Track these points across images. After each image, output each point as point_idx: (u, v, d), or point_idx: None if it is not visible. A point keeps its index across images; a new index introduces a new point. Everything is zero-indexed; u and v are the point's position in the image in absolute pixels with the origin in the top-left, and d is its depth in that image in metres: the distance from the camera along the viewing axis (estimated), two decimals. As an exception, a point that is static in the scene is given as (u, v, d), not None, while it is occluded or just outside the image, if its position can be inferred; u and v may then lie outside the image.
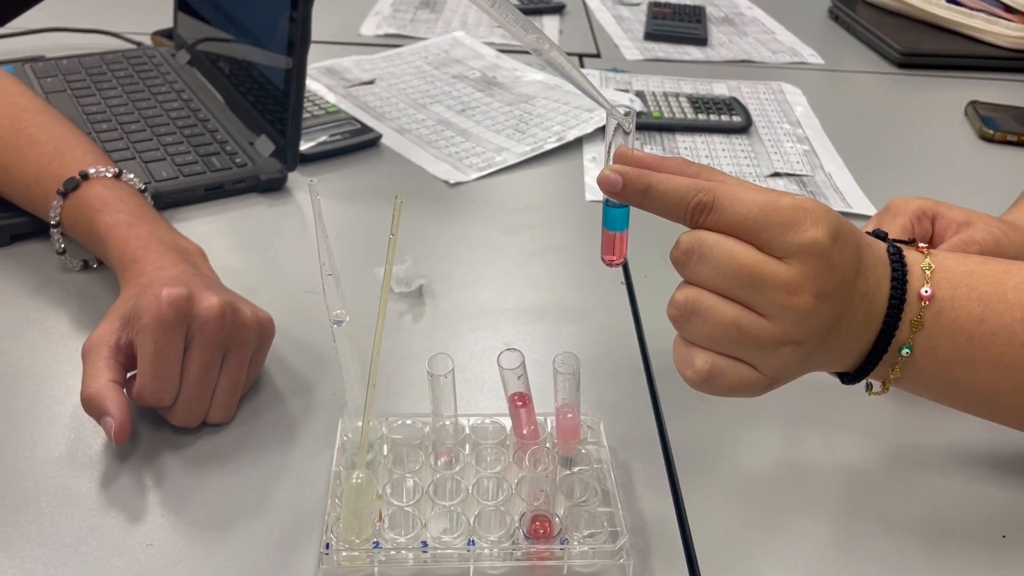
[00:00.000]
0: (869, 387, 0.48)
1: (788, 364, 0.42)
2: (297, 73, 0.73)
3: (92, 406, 0.47)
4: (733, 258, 0.40)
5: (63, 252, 0.63)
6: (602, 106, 0.43)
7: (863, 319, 0.42)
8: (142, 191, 0.63)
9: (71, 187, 0.60)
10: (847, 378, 0.46)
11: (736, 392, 0.43)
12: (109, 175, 0.61)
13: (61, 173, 0.61)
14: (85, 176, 0.61)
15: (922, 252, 0.44)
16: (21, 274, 0.64)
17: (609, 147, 0.44)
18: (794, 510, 0.48)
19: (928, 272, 0.43)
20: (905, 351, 0.43)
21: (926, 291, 0.42)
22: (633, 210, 0.46)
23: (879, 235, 0.45)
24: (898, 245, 0.44)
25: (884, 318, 0.42)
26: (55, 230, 0.62)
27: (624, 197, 0.43)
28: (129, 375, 0.49)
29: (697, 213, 0.41)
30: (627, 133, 0.44)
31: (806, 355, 0.42)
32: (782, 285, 0.40)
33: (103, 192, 0.60)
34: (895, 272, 0.43)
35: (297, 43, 0.72)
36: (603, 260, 0.47)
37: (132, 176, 0.63)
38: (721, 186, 0.42)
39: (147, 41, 1.04)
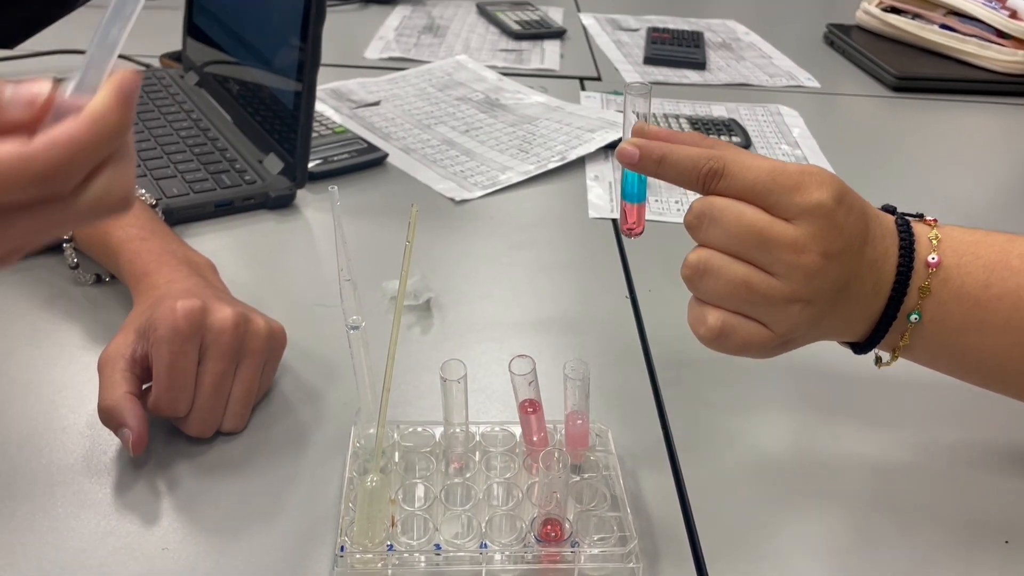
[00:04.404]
0: (878, 360, 0.49)
1: (798, 323, 0.43)
2: (307, 92, 0.74)
3: (110, 418, 0.48)
4: (742, 220, 0.42)
5: (76, 266, 0.64)
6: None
7: (871, 287, 0.44)
8: (153, 206, 0.64)
9: None
10: (858, 348, 0.48)
11: (748, 350, 0.44)
12: None
13: None
14: None
15: (929, 224, 0.46)
16: (36, 287, 0.65)
17: (625, 122, 0.46)
18: (801, 514, 0.49)
19: (935, 241, 0.45)
20: (914, 317, 0.44)
21: (933, 258, 0.44)
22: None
23: (888, 209, 0.47)
24: (906, 217, 0.46)
25: (893, 285, 0.44)
26: (68, 244, 0.63)
27: (641, 168, 0.45)
28: (144, 386, 0.50)
29: (709, 179, 0.43)
30: (637, 113, 0.46)
31: (816, 316, 0.43)
32: (789, 244, 0.42)
33: None
34: (903, 241, 0.45)
35: (308, 63, 0.73)
36: (623, 230, 0.49)
37: (143, 191, 0.64)
38: (730, 153, 0.44)
39: (156, 63, 1.06)
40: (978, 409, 0.56)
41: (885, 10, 1.31)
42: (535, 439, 0.48)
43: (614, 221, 0.80)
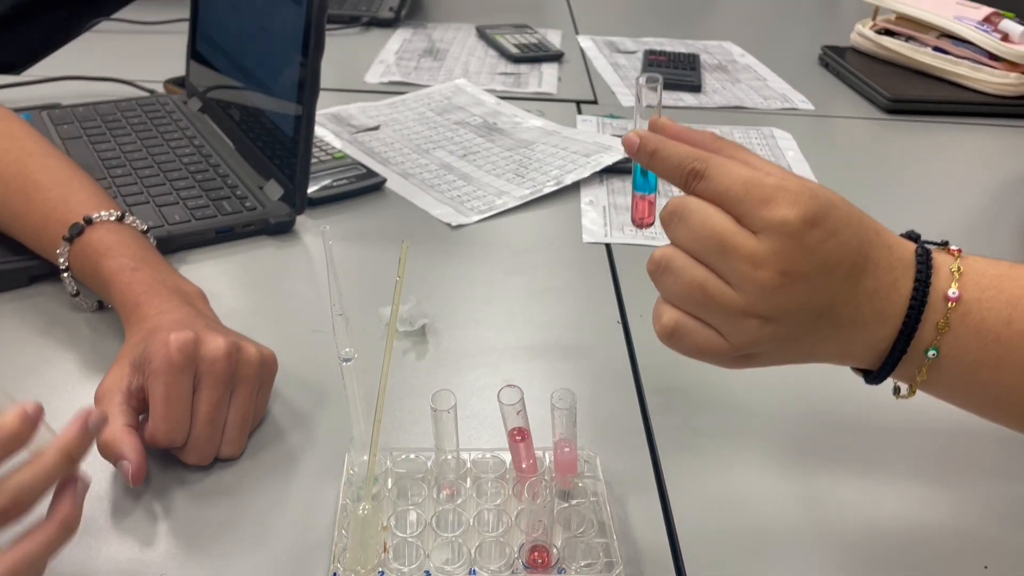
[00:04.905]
0: (897, 391, 0.48)
1: (757, 338, 0.43)
2: (306, 121, 0.76)
3: (109, 450, 0.49)
4: (707, 223, 0.42)
5: (77, 294, 0.65)
6: None
7: (873, 316, 0.43)
8: (144, 232, 0.65)
9: (76, 232, 0.62)
10: (870, 376, 0.46)
11: (701, 354, 0.45)
12: (112, 219, 0.63)
13: (66, 218, 0.63)
14: (89, 221, 0.63)
15: (952, 255, 0.45)
16: (39, 314, 0.66)
17: (636, 112, 0.48)
18: (788, 543, 0.50)
19: (956, 274, 0.44)
20: (932, 352, 0.43)
21: (953, 292, 0.43)
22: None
23: (911, 236, 0.46)
24: (928, 247, 0.45)
25: (904, 318, 0.43)
26: (66, 274, 0.64)
27: (637, 157, 0.46)
28: (140, 417, 0.52)
29: (690, 179, 0.44)
30: (650, 105, 0.47)
31: (780, 335, 0.43)
32: (748, 256, 0.41)
33: (107, 237, 0.62)
34: (919, 273, 0.43)
35: (307, 92, 0.75)
36: (633, 222, 0.50)
37: (134, 219, 0.65)
38: (715, 157, 0.44)
39: (160, 89, 1.08)
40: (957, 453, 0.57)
41: (879, 32, 1.33)
42: (524, 466, 0.49)
43: (608, 246, 0.82)
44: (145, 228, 0.66)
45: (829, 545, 0.50)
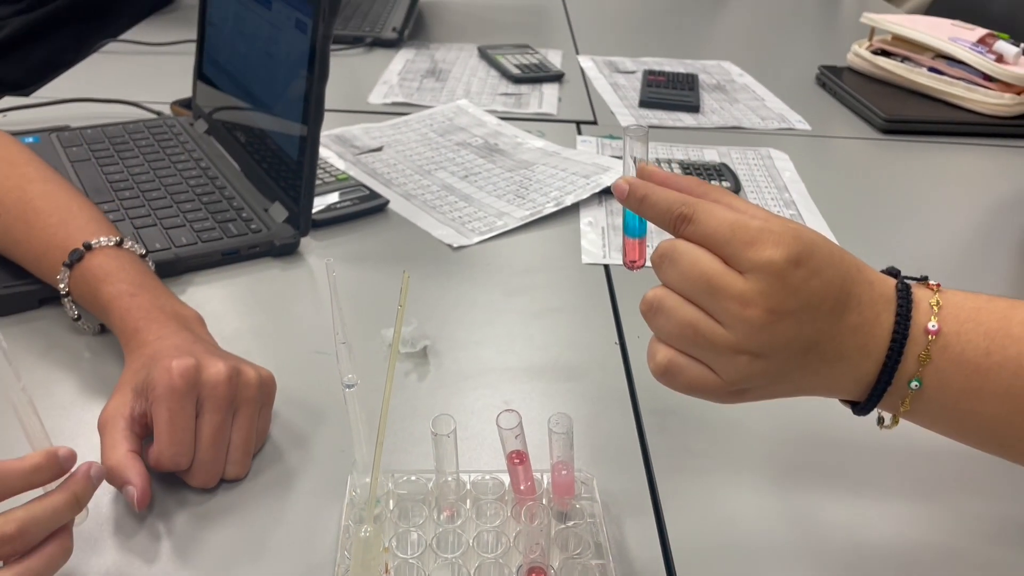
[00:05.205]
0: (881, 421, 0.50)
1: (748, 374, 0.44)
2: (311, 145, 0.77)
3: (114, 476, 0.50)
4: (696, 265, 0.44)
5: (78, 318, 0.66)
6: None
7: (857, 350, 0.45)
8: (143, 256, 0.67)
9: (75, 259, 0.64)
10: (857, 408, 0.48)
11: (695, 390, 0.46)
12: (111, 244, 0.65)
13: (66, 244, 0.64)
14: (88, 247, 0.64)
15: (931, 289, 0.47)
16: (41, 336, 0.67)
17: (625, 160, 0.50)
18: (783, 563, 0.51)
19: (936, 307, 0.45)
20: (914, 384, 0.45)
21: (933, 325, 0.45)
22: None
23: (891, 272, 0.48)
24: (907, 282, 0.47)
25: (887, 352, 0.45)
26: (67, 299, 0.65)
27: (627, 203, 0.49)
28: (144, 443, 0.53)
29: (678, 223, 0.46)
30: (635, 158, 0.49)
31: (771, 370, 0.45)
32: (736, 296, 0.43)
33: (106, 262, 0.63)
34: (900, 307, 0.45)
35: (311, 118, 0.77)
36: (624, 263, 0.52)
37: (133, 244, 0.66)
38: (702, 202, 0.46)
39: (167, 111, 1.10)
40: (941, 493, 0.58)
41: (875, 53, 1.35)
42: (523, 488, 0.51)
43: (607, 267, 0.83)
44: (143, 252, 0.67)
45: (823, 565, 0.51)
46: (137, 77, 1.25)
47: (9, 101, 1.10)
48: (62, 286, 0.65)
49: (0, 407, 0.45)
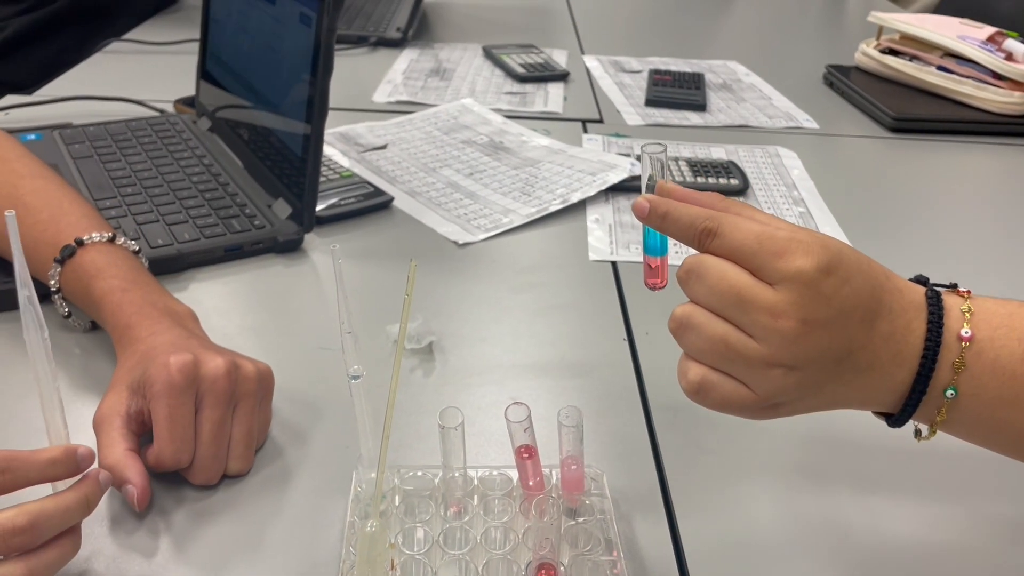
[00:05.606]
0: (918, 433, 0.49)
1: (782, 387, 0.43)
2: (315, 140, 0.77)
3: (113, 476, 0.49)
4: (724, 279, 0.43)
5: (68, 316, 0.65)
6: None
7: (890, 359, 0.44)
8: (136, 252, 0.66)
9: (67, 255, 0.62)
10: (892, 420, 0.47)
11: (729, 407, 0.45)
12: (103, 240, 0.63)
13: (57, 240, 0.63)
14: (80, 243, 0.63)
15: (962, 296, 0.46)
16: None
17: (643, 179, 0.49)
18: (794, 561, 0.50)
19: (967, 314, 0.44)
20: (950, 392, 0.44)
21: (966, 332, 0.44)
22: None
23: (920, 280, 0.47)
24: (937, 289, 0.46)
25: (921, 359, 0.44)
26: (57, 296, 0.64)
27: (648, 221, 0.47)
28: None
29: (703, 238, 0.45)
30: (653, 180, 0.48)
31: (805, 382, 0.44)
32: (767, 308, 0.42)
33: (98, 258, 0.62)
34: (931, 315, 0.44)
35: (315, 113, 0.76)
36: (646, 284, 0.50)
37: (125, 239, 0.65)
38: (726, 215, 0.45)
39: (170, 108, 1.09)
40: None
41: (883, 52, 1.34)
42: (531, 483, 0.50)
43: (614, 264, 0.82)
44: (136, 248, 0.65)
45: (836, 564, 0.50)
46: (140, 76, 1.25)
47: (11, 99, 1.10)
48: (52, 283, 0.63)
49: (12, 399, 0.44)
